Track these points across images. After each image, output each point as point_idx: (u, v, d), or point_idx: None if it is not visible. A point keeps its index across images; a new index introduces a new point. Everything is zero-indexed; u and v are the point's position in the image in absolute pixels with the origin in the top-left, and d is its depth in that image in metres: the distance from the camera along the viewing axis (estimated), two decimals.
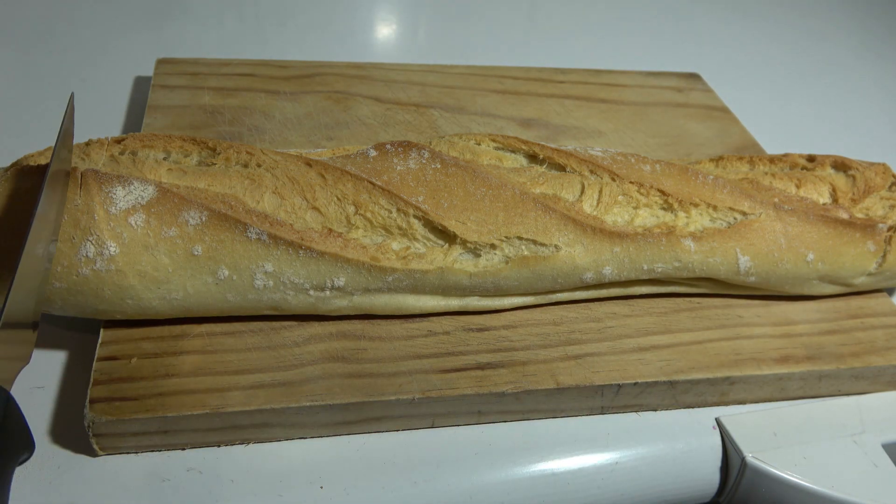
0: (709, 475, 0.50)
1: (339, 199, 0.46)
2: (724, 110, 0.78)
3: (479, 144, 0.53)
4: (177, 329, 0.46)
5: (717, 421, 0.51)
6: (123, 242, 0.43)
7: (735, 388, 0.51)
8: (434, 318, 0.50)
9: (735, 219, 0.52)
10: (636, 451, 0.48)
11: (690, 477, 0.49)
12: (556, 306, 0.53)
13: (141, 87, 0.74)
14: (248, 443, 0.45)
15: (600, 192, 0.51)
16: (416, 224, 0.47)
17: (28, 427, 0.34)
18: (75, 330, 0.49)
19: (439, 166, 0.49)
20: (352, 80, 0.73)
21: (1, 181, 0.44)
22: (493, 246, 0.48)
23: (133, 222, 0.43)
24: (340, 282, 0.46)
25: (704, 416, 0.51)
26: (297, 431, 0.45)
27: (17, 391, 0.45)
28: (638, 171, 0.52)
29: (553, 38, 1.00)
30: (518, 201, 0.48)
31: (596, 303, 0.53)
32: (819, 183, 0.57)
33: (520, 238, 0.48)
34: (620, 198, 0.51)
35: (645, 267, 0.51)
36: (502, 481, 0.45)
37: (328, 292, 0.46)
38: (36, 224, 0.38)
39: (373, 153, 0.49)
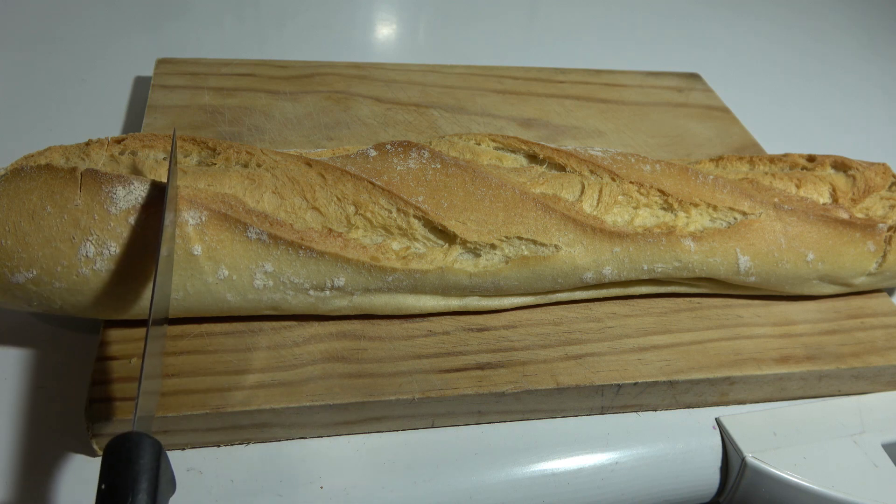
0: (709, 475, 0.50)
1: (339, 199, 0.46)
2: (724, 110, 0.78)
3: (479, 144, 0.53)
4: (176, 329, 0.46)
5: (717, 421, 0.51)
6: (123, 242, 0.43)
7: (735, 388, 0.51)
8: (434, 318, 0.50)
9: (735, 219, 0.52)
10: (636, 451, 0.48)
11: (690, 477, 0.49)
12: (556, 306, 0.53)
13: (141, 87, 0.74)
14: (248, 443, 0.45)
15: (600, 192, 0.51)
16: (416, 224, 0.47)
17: (172, 470, 0.35)
18: (75, 330, 0.49)
19: (439, 166, 0.49)
20: (352, 80, 0.73)
21: (1, 181, 0.44)
22: (493, 246, 0.48)
23: (133, 222, 0.43)
24: (340, 282, 0.46)
25: (704, 416, 0.51)
26: (297, 431, 0.45)
27: (18, 391, 0.45)
28: (638, 171, 0.52)
29: (553, 38, 1.00)
30: (518, 201, 0.48)
31: (596, 303, 0.53)
32: (819, 183, 0.57)
33: (520, 238, 0.48)
34: (620, 198, 0.51)
35: (645, 267, 0.51)
36: (502, 481, 0.45)
37: (328, 292, 0.46)
38: (166, 229, 0.40)
39: (373, 153, 0.49)
